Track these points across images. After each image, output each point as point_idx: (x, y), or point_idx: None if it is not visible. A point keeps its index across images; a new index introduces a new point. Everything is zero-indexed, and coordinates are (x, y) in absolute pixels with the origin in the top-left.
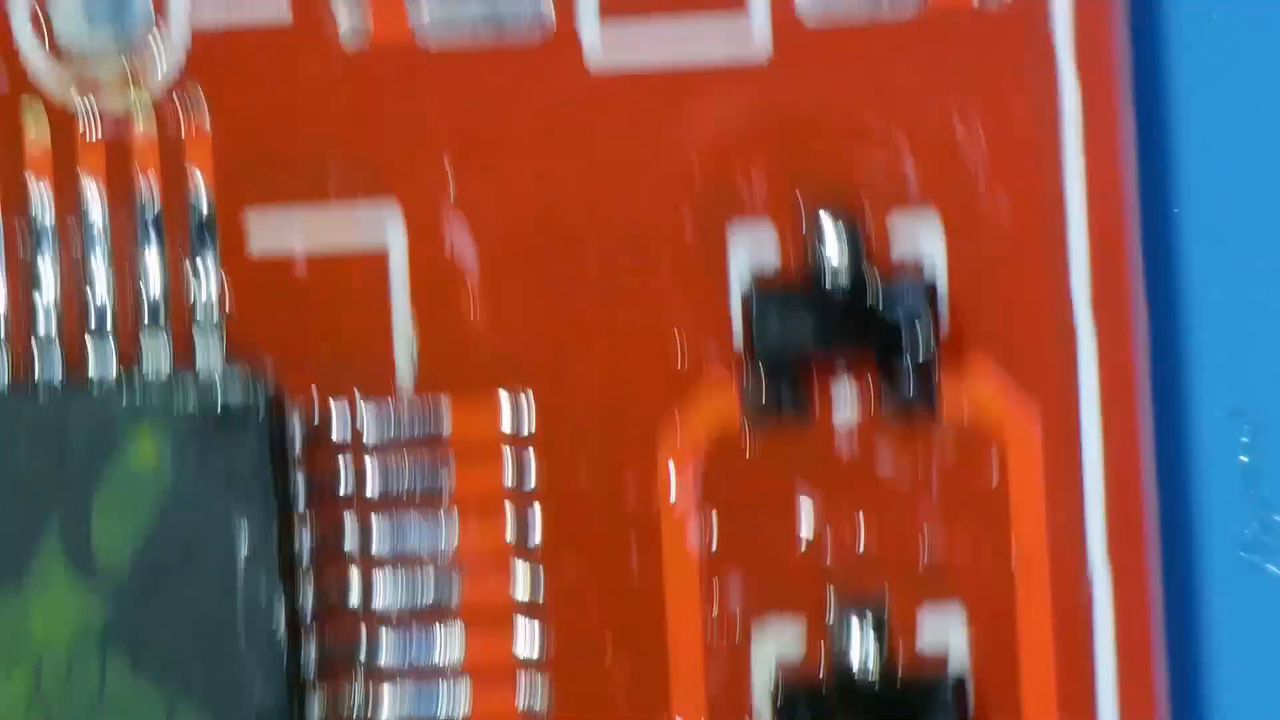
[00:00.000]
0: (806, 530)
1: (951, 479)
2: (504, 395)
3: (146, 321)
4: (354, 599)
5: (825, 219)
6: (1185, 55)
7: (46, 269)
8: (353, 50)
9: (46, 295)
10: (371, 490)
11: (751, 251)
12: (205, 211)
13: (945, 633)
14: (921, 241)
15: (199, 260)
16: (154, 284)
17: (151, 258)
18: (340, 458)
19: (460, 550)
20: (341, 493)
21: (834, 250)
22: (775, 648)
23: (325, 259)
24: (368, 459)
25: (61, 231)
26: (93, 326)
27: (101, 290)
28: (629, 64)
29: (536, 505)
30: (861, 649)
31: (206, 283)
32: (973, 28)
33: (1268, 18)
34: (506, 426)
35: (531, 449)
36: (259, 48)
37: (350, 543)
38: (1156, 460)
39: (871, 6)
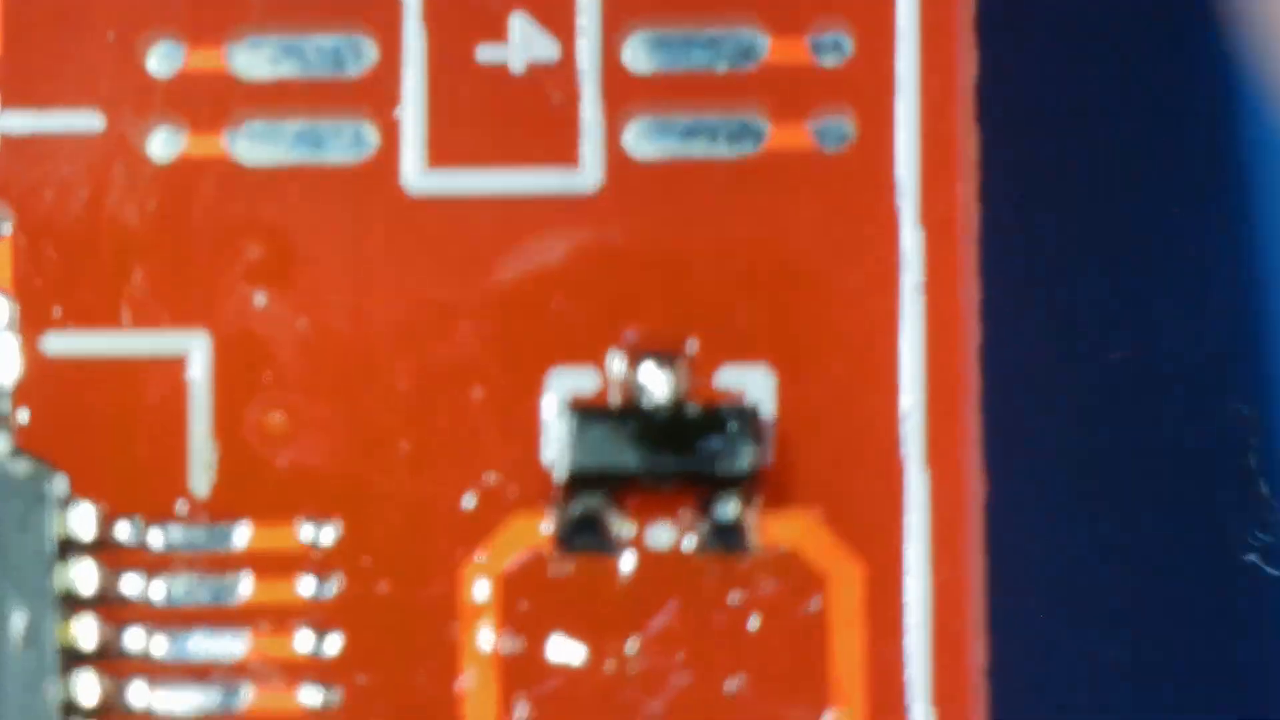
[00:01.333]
0: (611, 658)
1: (767, 613)
2: (305, 518)
3: None
4: (137, 700)
5: (648, 357)
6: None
7: None
8: (164, 163)
9: None
10: (159, 596)
11: (570, 383)
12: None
13: None
14: (750, 382)
15: None
16: None
17: None
18: (129, 560)
19: (251, 659)
20: (128, 594)
21: (655, 386)
22: None
23: (124, 368)
24: (157, 567)
25: None
26: None
27: None
28: (450, 190)
29: (334, 620)
30: None
31: None
32: (812, 170)
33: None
34: (305, 545)
35: (332, 570)
36: (68, 156)
37: (134, 643)
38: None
39: (709, 144)
